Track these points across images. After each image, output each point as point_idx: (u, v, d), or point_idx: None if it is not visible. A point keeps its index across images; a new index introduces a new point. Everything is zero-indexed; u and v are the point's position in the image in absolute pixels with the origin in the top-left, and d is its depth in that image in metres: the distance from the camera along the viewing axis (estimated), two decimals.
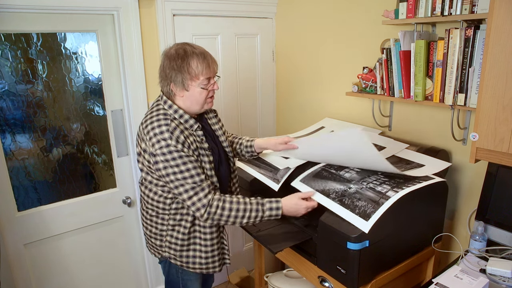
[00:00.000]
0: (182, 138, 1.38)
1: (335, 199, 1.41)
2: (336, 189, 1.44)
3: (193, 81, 1.41)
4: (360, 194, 1.38)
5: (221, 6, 2.37)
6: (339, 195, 1.41)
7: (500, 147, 1.30)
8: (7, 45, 1.82)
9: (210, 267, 1.56)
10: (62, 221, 2.08)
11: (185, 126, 1.43)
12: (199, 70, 1.39)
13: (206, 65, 1.40)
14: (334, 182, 1.48)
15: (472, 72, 1.49)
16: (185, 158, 1.37)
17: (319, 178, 1.52)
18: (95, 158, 2.20)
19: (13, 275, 1.97)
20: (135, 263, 2.41)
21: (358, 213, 1.34)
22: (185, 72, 1.39)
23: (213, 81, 1.46)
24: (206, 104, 1.48)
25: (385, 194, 1.35)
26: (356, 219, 1.34)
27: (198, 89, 1.42)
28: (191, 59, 1.39)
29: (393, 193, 1.34)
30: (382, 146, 1.85)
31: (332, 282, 1.52)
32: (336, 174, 1.51)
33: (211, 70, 1.43)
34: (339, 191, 1.43)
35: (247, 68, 2.63)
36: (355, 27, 2.11)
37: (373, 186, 1.41)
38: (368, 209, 1.33)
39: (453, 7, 1.49)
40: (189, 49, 1.41)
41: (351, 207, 1.37)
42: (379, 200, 1.33)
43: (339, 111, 2.33)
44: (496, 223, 1.54)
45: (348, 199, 1.37)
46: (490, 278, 1.35)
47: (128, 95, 2.13)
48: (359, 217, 1.33)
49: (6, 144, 1.89)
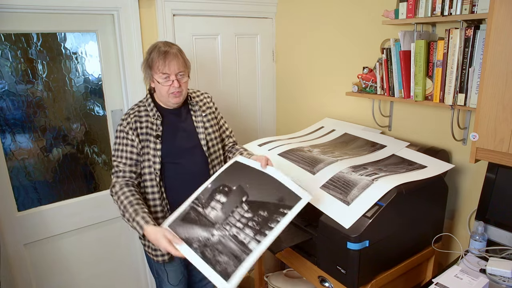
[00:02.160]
0: (132, 122, 1.58)
1: (197, 249, 1.33)
2: (199, 237, 1.36)
3: (154, 74, 1.55)
4: (222, 245, 1.31)
5: (221, 6, 2.36)
6: (202, 245, 1.34)
7: (500, 147, 1.30)
8: (7, 45, 1.82)
9: (158, 254, 1.65)
10: (62, 221, 2.07)
11: (148, 114, 1.61)
12: (156, 65, 1.52)
13: (162, 62, 1.51)
14: (199, 227, 1.40)
15: (472, 72, 1.49)
16: (121, 140, 1.58)
17: (186, 222, 1.44)
18: (95, 158, 2.19)
19: (13, 275, 1.97)
20: (135, 263, 2.41)
21: (219, 271, 1.26)
22: (149, 64, 1.55)
23: (173, 77, 1.54)
24: (171, 99, 1.58)
25: (247, 247, 1.28)
26: (217, 278, 1.25)
27: (157, 83, 1.55)
28: (153, 54, 1.53)
29: (255, 243, 1.27)
30: (383, 145, 1.85)
31: (332, 282, 1.52)
32: (202, 215, 1.43)
33: (168, 67, 1.52)
34: (202, 239, 1.35)
35: (247, 68, 2.63)
36: (355, 27, 2.11)
37: (236, 233, 1.33)
38: (229, 267, 1.25)
39: (453, 7, 1.49)
40: (159, 45, 1.55)
41: (213, 262, 1.29)
42: (241, 255, 1.26)
43: (339, 111, 2.33)
44: (496, 223, 1.54)
45: (210, 252, 1.31)
46: (490, 278, 1.35)
47: (128, 95, 2.13)
48: (220, 276, 1.25)
49: (6, 144, 1.89)
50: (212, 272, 1.27)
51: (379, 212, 1.37)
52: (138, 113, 1.60)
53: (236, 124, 2.66)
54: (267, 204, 1.38)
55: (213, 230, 1.38)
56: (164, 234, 1.37)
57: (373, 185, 1.46)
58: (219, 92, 2.52)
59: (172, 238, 1.37)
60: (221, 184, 1.54)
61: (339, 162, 1.67)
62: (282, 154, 1.84)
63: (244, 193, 1.46)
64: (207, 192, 1.53)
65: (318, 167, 1.66)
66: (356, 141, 1.96)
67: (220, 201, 1.47)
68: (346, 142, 1.98)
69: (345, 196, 1.47)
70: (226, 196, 1.48)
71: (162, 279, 1.77)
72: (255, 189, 1.45)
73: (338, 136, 2.07)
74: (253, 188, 1.45)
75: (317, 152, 1.83)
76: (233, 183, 1.51)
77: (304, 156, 1.78)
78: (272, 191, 1.41)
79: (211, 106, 1.78)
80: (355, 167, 1.62)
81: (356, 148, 1.89)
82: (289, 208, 1.33)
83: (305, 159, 1.74)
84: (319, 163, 1.68)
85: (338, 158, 1.73)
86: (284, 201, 1.36)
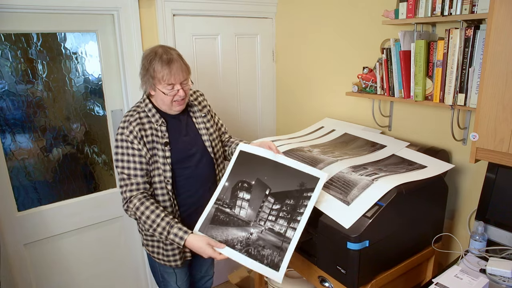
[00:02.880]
0: (136, 130, 1.48)
1: (241, 250, 1.40)
2: (239, 237, 1.43)
3: (157, 84, 1.47)
4: (263, 240, 1.40)
5: (221, 6, 2.37)
6: (244, 245, 1.41)
7: (500, 147, 1.30)
8: (7, 45, 1.82)
9: (171, 260, 1.62)
10: (62, 221, 2.07)
11: (151, 120, 1.53)
12: (161, 76, 1.44)
13: (168, 72, 1.44)
14: (233, 228, 1.45)
15: (472, 72, 1.49)
16: (127, 150, 1.48)
17: (217, 224, 1.49)
18: (95, 158, 2.20)
19: (13, 275, 1.97)
20: (135, 263, 2.41)
21: (267, 263, 1.35)
22: (150, 74, 1.47)
23: (178, 87, 1.49)
24: (174, 107, 1.54)
25: (285, 236, 1.37)
26: (267, 270, 1.34)
27: (161, 93, 1.48)
28: (156, 63, 1.45)
29: (291, 231, 1.37)
30: (383, 145, 1.85)
31: (332, 282, 1.52)
32: (232, 216, 1.48)
33: (174, 77, 1.46)
34: (243, 239, 1.42)
35: (247, 68, 2.63)
36: (355, 27, 2.11)
37: (271, 226, 1.41)
38: (275, 258, 1.35)
39: (453, 7, 1.49)
40: (160, 52, 1.46)
41: (259, 257, 1.37)
42: (282, 245, 1.36)
43: (339, 111, 2.33)
44: (496, 223, 1.54)
45: (253, 249, 1.39)
46: (490, 278, 1.35)
47: (128, 95, 2.13)
48: (270, 268, 1.34)
49: (6, 144, 1.89)
50: (261, 266, 1.35)
51: (379, 212, 1.37)
52: (140, 120, 1.51)
53: (236, 124, 2.66)
54: (291, 192, 1.44)
55: (249, 228, 1.44)
56: (208, 242, 1.41)
57: (373, 185, 1.46)
58: (219, 92, 2.52)
59: (215, 244, 1.41)
60: (239, 181, 1.55)
61: (339, 162, 1.67)
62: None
63: (266, 186, 1.49)
64: (227, 191, 1.55)
65: (318, 167, 1.66)
66: (356, 141, 1.96)
67: (245, 199, 1.50)
68: (346, 142, 1.98)
69: (345, 196, 1.47)
70: (248, 192, 1.51)
71: (168, 282, 1.75)
72: (274, 180, 1.49)
73: (338, 136, 2.07)
74: (272, 180, 1.49)
75: (317, 152, 1.83)
76: (250, 177, 1.53)
77: (304, 156, 1.78)
78: (291, 179, 1.46)
79: (206, 104, 1.76)
80: (355, 167, 1.62)
81: (356, 148, 1.89)
82: (312, 191, 1.40)
83: (305, 159, 1.74)
84: (319, 163, 1.68)
85: (338, 158, 1.73)
86: (305, 185, 1.43)
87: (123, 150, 1.49)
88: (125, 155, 1.49)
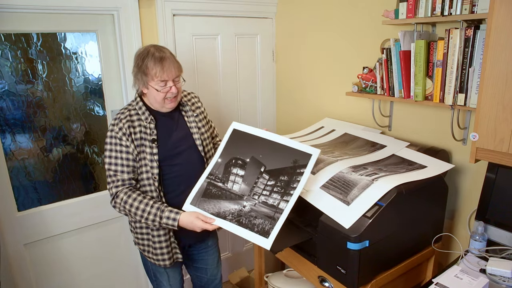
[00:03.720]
0: (125, 127, 1.52)
1: (232, 220, 1.44)
2: (231, 210, 1.46)
3: (150, 81, 1.51)
4: (255, 212, 1.43)
5: (221, 6, 2.36)
6: (236, 215, 1.44)
7: (500, 147, 1.30)
8: (7, 45, 1.82)
9: (160, 259, 1.64)
10: (62, 221, 2.07)
11: (141, 118, 1.56)
12: (154, 72, 1.48)
13: (160, 68, 1.48)
14: (226, 201, 1.48)
15: (472, 72, 1.49)
16: (115, 146, 1.52)
17: (209, 197, 1.51)
18: (95, 158, 2.20)
19: (13, 275, 1.97)
20: (135, 263, 2.41)
21: (257, 231, 1.39)
22: (143, 72, 1.51)
23: (171, 84, 1.52)
24: (166, 104, 1.57)
25: (278, 207, 1.41)
26: (257, 238, 1.37)
27: (154, 90, 1.52)
28: (148, 61, 1.49)
29: (284, 203, 1.41)
30: (383, 145, 1.85)
31: (332, 282, 1.52)
32: (224, 190, 1.51)
33: (167, 74, 1.50)
34: (235, 211, 1.45)
35: (247, 68, 2.63)
36: (355, 27, 2.11)
37: (265, 200, 1.44)
38: (266, 226, 1.38)
39: (453, 7, 1.49)
40: (152, 51, 1.51)
41: (249, 226, 1.41)
42: (274, 215, 1.39)
43: (339, 111, 2.33)
44: (496, 223, 1.54)
45: (245, 219, 1.42)
46: (490, 278, 1.35)
47: (128, 95, 2.13)
48: (259, 235, 1.37)
49: (6, 144, 1.89)
50: (251, 234, 1.39)
51: (379, 212, 1.37)
52: (130, 117, 1.54)
53: None
54: (285, 169, 1.49)
55: (242, 202, 1.47)
56: (197, 216, 1.46)
57: (373, 185, 1.46)
58: (219, 92, 2.52)
59: (205, 218, 1.45)
60: (233, 158, 1.57)
61: (339, 162, 1.67)
62: None
63: (261, 164, 1.53)
64: (220, 166, 1.57)
65: (318, 167, 1.66)
66: (356, 141, 1.96)
67: (239, 174, 1.53)
68: (346, 142, 1.98)
69: (345, 196, 1.47)
70: (242, 169, 1.54)
71: (160, 282, 1.76)
72: (268, 158, 1.53)
73: (338, 136, 2.07)
74: (266, 158, 1.53)
75: None
76: (244, 155, 1.56)
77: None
78: (284, 156, 1.50)
79: (200, 106, 1.77)
80: (355, 167, 1.62)
81: (356, 148, 1.89)
82: (304, 167, 1.45)
83: None
84: (319, 163, 1.68)
85: (338, 158, 1.73)
86: (298, 162, 1.47)
87: (111, 146, 1.53)
88: (113, 151, 1.53)
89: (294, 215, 1.70)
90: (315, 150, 1.46)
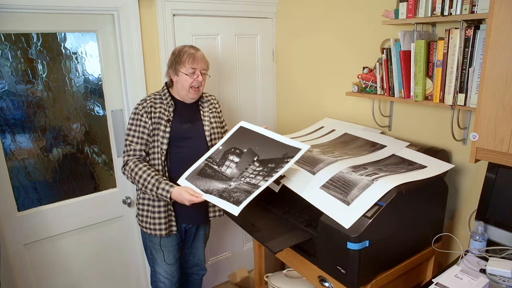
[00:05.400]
0: (148, 106, 1.79)
1: (215, 194, 1.60)
2: (218, 188, 1.62)
3: (181, 68, 1.77)
4: (237, 188, 1.58)
5: (221, 6, 2.36)
6: (220, 191, 1.60)
7: (500, 147, 1.30)
8: (7, 45, 1.82)
9: (157, 228, 1.84)
10: (62, 221, 2.08)
11: (163, 102, 1.83)
12: (186, 60, 1.77)
13: (192, 59, 1.77)
14: (216, 181, 1.65)
15: (472, 72, 1.49)
16: (135, 121, 1.80)
17: (203, 176, 1.70)
18: (95, 158, 2.20)
19: (13, 275, 1.97)
20: (135, 263, 2.41)
21: (232, 201, 1.52)
22: (177, 61, 1.78)
23: (198, 73, 1.79)
24: (190, 93, 1.81)
25: (257, 185, 1.54)
26: (230, 206, 1.51)
27: (184, 75, 1.77)
28: (183, 53, 1.79)
29: (264, 182, 1.53)
30: (383, 145, 1.85)
31: (332, 282, 1.52)
32: (218, 172, 1.69)
33: (196, 63, 1.78)
34: (220, 189, 1.61)
35: (247, 68, 2.63)
36: (355, 27, 2.11)
37: (249, 180, 1.59)
38: (240, 197, 1.52)
39: (453, 7, 1.49)
40: (186, 48, 1.81)
41: (227, 198, 1.56)
42: (251, 190, 1.53)
43: (339, 111, 2.33)
44: (496, 223, 1.54)
45: (226, 193, 1.58)
46: (490, 278, 1.35)
47: (128, 95, 2.13)
48: (232, 204, 1.51)
49: (6, 144, 1.89)
50: (226, 203, 1.53)
51: (379, 212, 1.37)
52: (154, 100, 1.82)
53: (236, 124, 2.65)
54: (275, 159, 1.62)
55: (230, 182, 1.62)
56: (186, 190, 1.64)
57: (373, 185, 1.46)
58: (219, 92, 2.52)
59: (193, 192, 1.63)
60: (232, 147, 1.75)
61: (339, 162, 1.67)
62: None
63: (255, 154, 1.68)
64: (219, 153, 1.76)
65: (318, 167, 1.66)
66: (356, 141, 1.96)
67: (234, 161, 1.70)
68: (346, 142, 1.98)
69: (345, 196, 1.47)
70: (238, 157, 1.71)
71: (155, 260, 1.93)
72: (263, 150, 1.68)
73: (338, 136, 2.07)
74: (261, 150, 1.69)
75: (317, 152, 1.83)
76: (243, 146, 1.74)
77: (304, 156, 1.78)
78: (277, 150, 1.65)
79: (217, 107, 2.01)
80: (355, 167, 1.62)
81: (356, 148, 1.89)
82: (292, 158, 1.57)
83: (305, 159, 1.74)
84: (319, 163, 1.68)
85: (338, 158, 1.73)
86: (288, 155, 1.60)
87: (133, 121, 1.80)
88: (133, 125, 1.79)
89: (294, 215, 1.70)
90: (305, 145, 1.58)
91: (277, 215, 1.76)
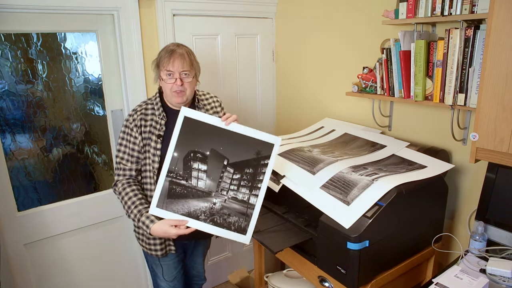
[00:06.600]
0: (138, 119, 1.60)
1: (206, 220, 1.47)
2: (201, 208, 1.47)
3: (160, 72, 1.58)
4: (227, 209, 1.48)
5: (221, 6, 2.36)
6: (208, 215, 1.47)
7: (500, 147, 1.30)
8: (7, 45, 1.82)
9: (152, 249, 1.69)
10: (62, 221, 2.07)
11: (154, 113, 1.63)
12: (162, 63, 1.56)
13: (167, 59, 1.53)
14: (194, 199, 1.47)
15: (472, 72, 1.49)
16: (126, 135, 1.61)
17: (174, 197, 1.46)
18: (95, 158, 2.20)
19: (13, 275, 1.97)
20: (135, 263, 2.41)
21: (234, 229, 1.48)
22: (157, 63, 1.59)
23: (177, 76, 1.54)
24: (173, 97, 1.59)
25: (249, 203, 1.49)
26: (235, 235, 1.48)
27: (162, 80, 1.58)
28: (162, 53, 1.58)
29: (254, 198, 1.49)
30: (383, 145, 1.85)
31: (332, 282, 1.52)
32: (189, 187, 1.47)
33: (172, 65, 1.53)
34: (206, 210, 1.47)
35: (247, 68, 2.63)
36: (355, 27, 2.11)
37: (234, 195, 1.50)
38: (242, 223, 1.48)
39: (453, 7, 1.49)
40: (169, 45, 1.59)
41: (226, 225, 1.48)
42: (247, 211, 1.48)
43: (339, 111, 2.33)
44: (496, 223, 1.54)
45: (219, 217, 1.47)
46: (490, 278, 1.35)
47: (128, 95, 2.13)
48: (237, 233, 1.48)
49: (6, 144, 1.89)
50: (229, 232, 1.46)
51: (379, 212, 1.37)
52: (145, 111, 1.62)
53: None
54: (249, 161, 1.51)
55: (211, 199, 1.49)
56: (169, 223, 1.46)
57: (373, 185, 1.46)
58: (219, 92, 2.52)
59: (177, 222, 1.46)
60: (190, 151, 1.49)
61: (339, 162, 1.67)
62: (282, 154, 1.84)
63: (223, 157, 1.51)
64: (178, 162, 1.48)
65: (318, 167, 1.66)
66: (356, 141, 1.96)
67: (201, 169, 1.49)
68: (346, 142, 1.98)
69: (345, 196, 1.47)
70: (203, 163, 1.49)
71: (156, 274, 1.82)
72: (230, 150, 1.51)
73: (338, 136, 2.07)
74: (228, 150, 1.51)
75: (317, 152, 1.83)
76: (203, 147, 1.49)
77: (304, 156, 1.78)
78: (246, 148, 1.51)
79: (219, 111, 1.78)
80: (355, 167, 1.62)
81: (356, 148, 1.89)
82: (268, 158, 1.50)
83: (305, 159, 1.74)
84: (319, 163, 1.68)
85: (338, 158, 1.73)
86: (261, 153, 1.51)
87: (124, 135, 1.63)
88: (123, 139, 1.63)
89: (294, 215, 1.71)
90: (276, 138, 1.50)
91: (277, 215, 1.76)
